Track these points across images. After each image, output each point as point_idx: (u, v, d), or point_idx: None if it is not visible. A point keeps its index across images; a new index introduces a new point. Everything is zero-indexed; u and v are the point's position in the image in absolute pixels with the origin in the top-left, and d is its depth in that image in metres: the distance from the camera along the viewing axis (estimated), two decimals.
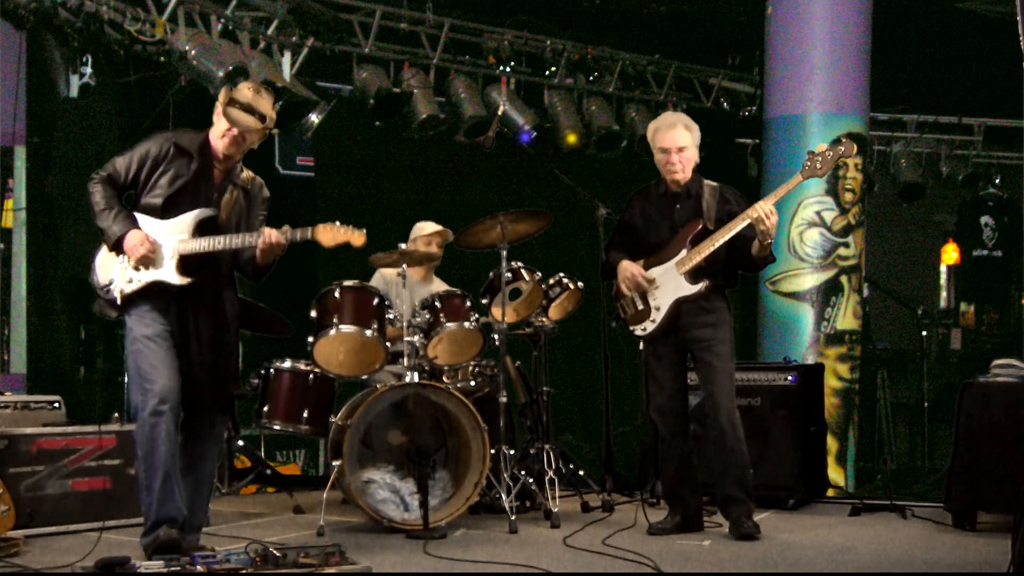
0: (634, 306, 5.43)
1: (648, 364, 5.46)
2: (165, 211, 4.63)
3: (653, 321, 5.37)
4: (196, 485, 4.75)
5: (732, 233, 5.19)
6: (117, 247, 4.60)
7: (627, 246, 5.53)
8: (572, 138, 9.33)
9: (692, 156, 5.40)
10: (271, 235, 4.57)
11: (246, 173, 4.81)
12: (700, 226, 5.30)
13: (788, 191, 5.28)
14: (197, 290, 4.64)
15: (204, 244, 4.60)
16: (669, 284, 5.33)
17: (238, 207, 4.73)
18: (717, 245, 5.22)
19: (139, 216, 4.64)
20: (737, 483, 5.30)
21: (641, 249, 5.46)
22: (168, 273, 4.60)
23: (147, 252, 4.55)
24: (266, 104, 4.70)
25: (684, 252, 5.30)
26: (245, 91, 4.68)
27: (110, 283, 4.64)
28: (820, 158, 5.16)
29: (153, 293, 4.61)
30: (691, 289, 5.29)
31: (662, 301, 5.35)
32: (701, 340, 5.32)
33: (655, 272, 5.37)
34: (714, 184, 5.43)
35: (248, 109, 4.63)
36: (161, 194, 4.62)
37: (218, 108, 4.67)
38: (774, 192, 5.25)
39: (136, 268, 4.59)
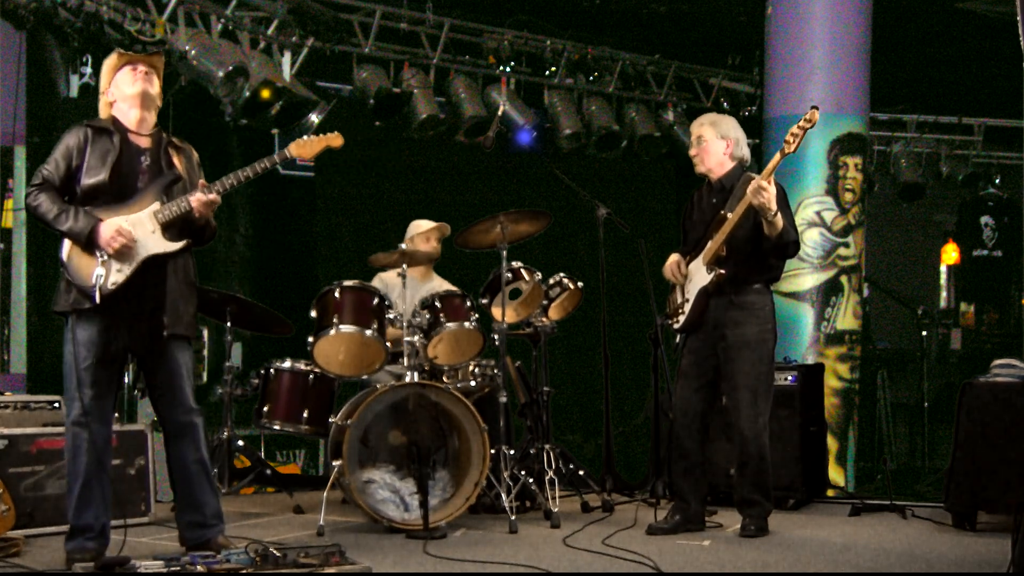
0: (676, 300, 5.51)
1: (681, 359, 5.51)
2: (121, 191, 4.54)
3: (683, 313, 5.43)
4: (196, 476, 4.65)
5: (738, 215, 5.19)
6: (89, 244, 4.47)
7: (687, 244, 5.62)
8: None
9: (714, 149, 5.44)
10: (204, 191, 4.57)
11: (175, 138, 4.76)
12: (722, 216, 5.31)
13: (775, 167, 5.18)
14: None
15: (175, 207, 4.56)
16: (696, 276, 5.39)
17: (185, 167, 4.71)
18: (727, 231, 5.23)
19: (97, 210, 4.51)
20: (753, 485, 5.33)
21: (690, 246, 5.53)
22: (158, 244, 4.53)
23: (126, 242, 4.47)
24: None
25: (709, 244, 5.34)
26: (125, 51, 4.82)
27: (97, 279, 4.46)
28: (791, 136, 5.15)
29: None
30: (707, 278, 5.32)
31: (690, 293, 5.41)
32: (728, 338, 5.33)
33: (692, 267, 5.44)
34: (753, 177, 5.38)
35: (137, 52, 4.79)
36: (97, 170, 4.53)
37: (111, 76, 4.67)
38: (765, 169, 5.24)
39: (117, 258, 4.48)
